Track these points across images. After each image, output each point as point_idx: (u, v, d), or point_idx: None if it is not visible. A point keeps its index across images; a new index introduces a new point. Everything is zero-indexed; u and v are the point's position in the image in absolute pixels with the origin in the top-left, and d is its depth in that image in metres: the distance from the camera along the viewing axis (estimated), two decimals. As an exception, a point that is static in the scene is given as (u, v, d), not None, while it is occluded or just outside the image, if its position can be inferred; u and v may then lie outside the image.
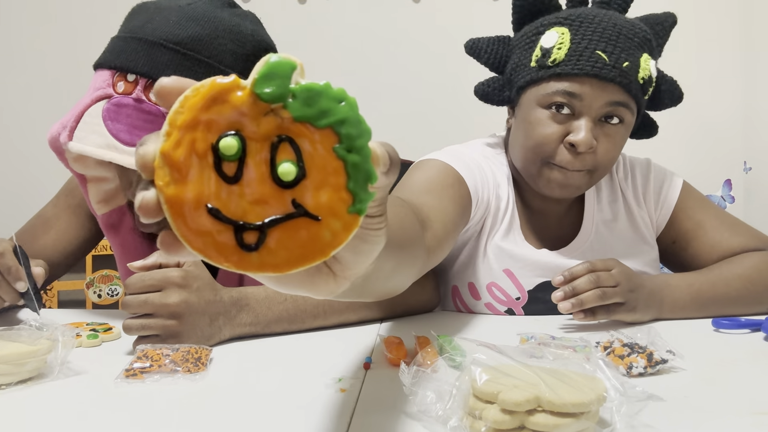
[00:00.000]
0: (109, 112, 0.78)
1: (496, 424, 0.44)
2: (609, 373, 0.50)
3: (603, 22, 0.86)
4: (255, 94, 0.29)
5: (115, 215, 0.97)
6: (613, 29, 0.85)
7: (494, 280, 0.96)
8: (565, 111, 0.86)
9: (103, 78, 0.79)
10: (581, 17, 0.87)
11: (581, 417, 0.44)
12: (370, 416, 0.52)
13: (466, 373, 0.48)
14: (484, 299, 0.97)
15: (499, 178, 0.98)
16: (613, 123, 0.87)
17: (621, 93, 0.85)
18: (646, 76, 0.87)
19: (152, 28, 0.79)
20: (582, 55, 0.84)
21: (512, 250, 0.96)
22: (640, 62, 0.86)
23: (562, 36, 0.86)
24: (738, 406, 0.54)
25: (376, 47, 2.45)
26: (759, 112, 2.38)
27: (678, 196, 1.01)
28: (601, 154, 0.87)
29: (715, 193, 2.51)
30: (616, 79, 0.84)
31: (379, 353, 0.71)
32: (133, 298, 0.71)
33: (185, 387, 0.60)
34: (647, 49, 0.88)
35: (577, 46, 0.85)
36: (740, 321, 0.81)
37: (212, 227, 0.29)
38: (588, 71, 0.84)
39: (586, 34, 0.85)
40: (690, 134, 2.46)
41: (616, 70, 0.84)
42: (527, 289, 0.96)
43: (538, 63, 0.88)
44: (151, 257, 0.74)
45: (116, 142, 0.77)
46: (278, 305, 0.80)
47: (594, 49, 0.84)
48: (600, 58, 0.84)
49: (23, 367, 0.60)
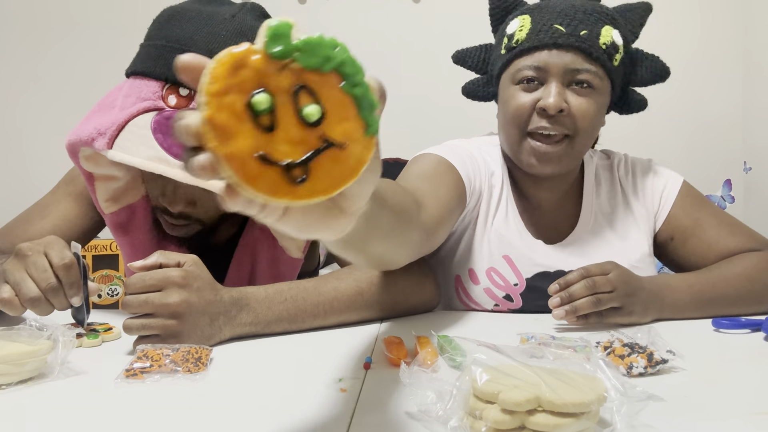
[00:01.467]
0: (160, 125, 0.77)
1: (497, 424, 0.44)
2: (609, 373, 0.50)
3: (561, 4, 0.94)
4: (268, 54, 0.35)
5: (124, 215, 0.97)
6: (570, 8, 0.93)
7: (493, 265, 0.99)
8: (533, 83, 0.93)
9: (150, 89, 0.78)
10: (541, 5, 0.96)
11: (581, 417, 0.44)
12: (370, 416, 0.52)
13: (466, 373, 0.48)
14: (483, 284, 0.99)
15: (492, 166, 1.03)
16: (583, 87, 0.92)
17: (583, 59, 0.91)
18: (608, 42, 0.92)
19: (203, 41, 0.78)
20: (540, 31, 0.92)
21: (512, 238, 1.00)
22: (600, 31, 0.92)
23: (523, 21, 0.95)
24: (738, 406, 0.54)
25: (376, 47, 2.45)
26: (759, 112, 2.38)
27: (677, 193, 1.02)
28: (577, 117, 0.91)
29: (715, 193, 2.51)
30: (574, 45, 0.91)
31: (380, 353, 0.71)
32: (133, 297, 0.71)
33: (185, 387, 0.60)
34: (608, 22, 0.93)
35: (536, 25, 0.93)
36: (740, 321, 0.81)
37: (265, 170, 0.34)
38: (547, 42, 0.91)
39: (544, 15, 0.94)
40: (690, 134, 2.47)
41: (573, 38, 0.91)
42: (525, 277, 0.99)
43: (506, 48, 0.97)
44: (152, 257, 0.74)
45: (167, 155, 0.76)
46: (278, 305, 0.80)
47: (552, 24, 0.92)
48: (557, 30, 0.91)
49: (23, 367, 0.60)
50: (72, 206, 1.01)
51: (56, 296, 0.72)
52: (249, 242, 0.99)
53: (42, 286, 0.71)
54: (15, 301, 0.71)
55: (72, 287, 0.74)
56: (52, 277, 0.72)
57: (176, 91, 0.78)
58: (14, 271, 0.72)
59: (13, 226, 1.01)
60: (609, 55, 0.92)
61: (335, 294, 0.84)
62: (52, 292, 0.72)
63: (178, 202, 0.86)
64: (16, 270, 0.72)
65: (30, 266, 0.72)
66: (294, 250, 0.98)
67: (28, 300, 0.70)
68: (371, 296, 0.87)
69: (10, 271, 0.73)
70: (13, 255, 0.74)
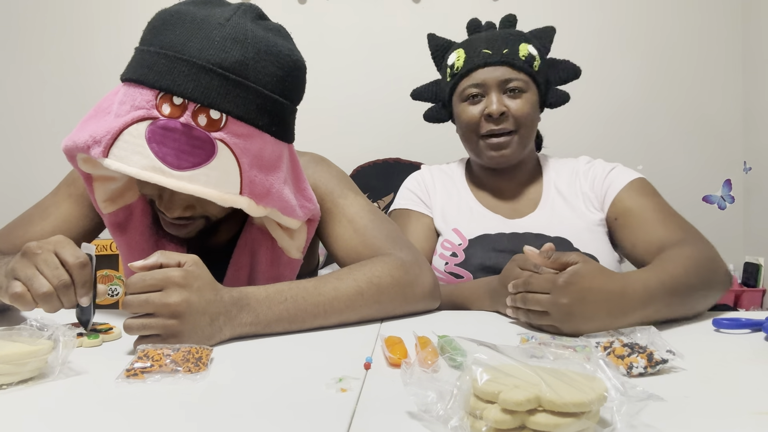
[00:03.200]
0: (154, 135, 0.77)
1: (497, 423, 0.44)
2: (609, 372, 0.50)
3: (485, 35, 1.25)
4: None
5: (122, 215, 0.98)
6: (492, 35, 1.24)
7: (446, 236, 1.24)
8: (477, 98, 1.21)
9: (144, 97, 0.77)
10: (470, 39, 1.26)
11: (582, 417, 0.44)
12: (370, 416, 0.52)
13: (466, 373, 0.48)
14: (437, 253, 1.24)
15: (449, 172, 1.37)
16: (515, 93, 1.20)
17: (510, 70, 1.20)
18: (526, 54, 1.20)
19: (197, 48, 0.77)
20: (473, 56, 1.22)
21: (462, 215, 1.27)
22: (518, 48, 1.20)
23: (458, 53, 1.25)
24: (738, 406, 0.54)
25: (376, 47, 2.45)
26: (759, 112, 2.38)
27: (629, 181, 1.18)
28: (516, 114, 1.19)
29: (715, 193, 2.51)
30: (500, 61, 1.19)
31: (380, 353, 0.71)
32: (133, 297, 0.71)
33: (186, 387, 0.60)
34: (523, 40, 1.22)
35: (469, 53, 1.23)
36: (741, 321, 0.81)
37: None
38: (480, 63, 1.20)
39: (474, 45, 1.23)
40: (690, 134, 2.47)
41: (498, 55, 1.19)
42: (469, 238, 1.22)
43: (450, 76, 1.26)
44: (152, 257, 0.74)
45: (162, 165, 0.76)
46: (279, 305, 0.80)
47: (481, 49, 1.21)
48: (484, 53, 1.21)
49: (24, 367, 0.60)
50: (73, 207, 1.01)
51: (67, 293, 0.73)
52: (248, 243, 0.99)
53: (54, 282, 0.72)
54: (27, 296, 0.71)
55: (83, 286, 0.74)
56: (64, 274, 0.72)
57: (170, 99, 0.77)
58: (24, 268, 0.73)
59: (14, 227, 1.01)
60: (529, 63, 1.20)
61: (335, 294, 0.84)
62: (64, 289, 0.72)
63: (176, 208, 0.85)
64: (26, 267, 0.73)
65: (40, 263, 0.72)
66: (293, 251, 0.98)
67: (40, 295, 0.71)
68: (371, 296, 0.87)
69: (19, 269, 0.73)
70: (21, 254, 0.74)
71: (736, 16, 2.43)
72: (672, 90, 2.47)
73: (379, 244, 0.96)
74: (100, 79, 2.37)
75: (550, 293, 0.79)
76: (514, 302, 0.86)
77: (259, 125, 0.81)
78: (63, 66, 2.43)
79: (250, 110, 0.80)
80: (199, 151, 0.77)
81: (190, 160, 0.77)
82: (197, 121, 0.77)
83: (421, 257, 0.98)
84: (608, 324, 0.77)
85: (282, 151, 0.87)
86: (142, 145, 0.77)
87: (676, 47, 2.45)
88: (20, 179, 2.43)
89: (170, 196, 0.85)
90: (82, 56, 2.42)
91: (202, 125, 0.77)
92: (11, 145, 2.46)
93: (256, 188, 0.83)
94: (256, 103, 0.80)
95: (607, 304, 0.78)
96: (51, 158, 2.12)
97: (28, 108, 2.45)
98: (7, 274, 0.75)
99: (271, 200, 0.85)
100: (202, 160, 0.78)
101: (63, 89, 2.42)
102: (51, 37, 2.44)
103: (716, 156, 2.47)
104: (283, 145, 0.87)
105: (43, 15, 2.44)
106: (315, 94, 2.43)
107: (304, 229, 0.98)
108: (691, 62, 2.45)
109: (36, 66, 2.44)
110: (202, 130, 0.77)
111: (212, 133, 0.78)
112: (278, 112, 0.84)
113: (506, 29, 1.27)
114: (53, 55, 2.44)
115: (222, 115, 0.78)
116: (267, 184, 0.84)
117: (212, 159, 0.78)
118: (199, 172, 0.78)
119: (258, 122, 0.81)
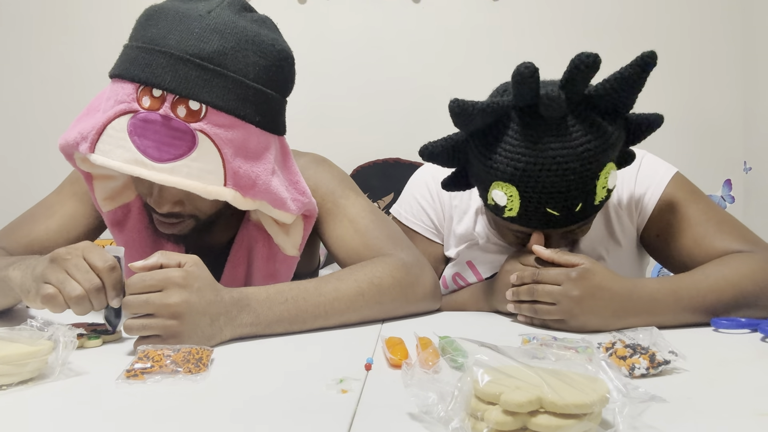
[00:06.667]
0: (135, 128, 0.77)
1: (498, 425, 0.44)
2: (611, 374, 0.50)
3: (550, 179, 0.82)
4: None
5: (121, 213, 0.98)
6: (561, 183, 0.82)
7: (459, 270, 1.10)
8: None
9: (126, 91, 0.78)
10: (527, 176, 0.83)
11: (584, 418, 0.44)
12: (371, 417, 0.52)
13: (467, 374, 0.47)
14: (450, 287, 1.12)
15: (464, 207, 1.10)
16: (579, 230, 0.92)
17: (578, 223, 0.88)
18: (604, 197, 0.86)
19: (176, 40, 0.77)
20: (533, 216, 0.86)
21: (477, 249, 1.09)
22: (596, 191, 0.84)
23: (510, 193, 0.85)
24: (741, 407, 0.54)
25: (376, 47, 2.45)
26: (759, 112, 2.38)
27: (663, 189, 0.99)
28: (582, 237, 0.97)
29: (715, 193, 2.51)
30: (569, 224, 0.87)
31: (381, 354, 0.71)
32: (134, 298, 0.71)
33: (186, 388, 0.60)
34: (600, 168, 0.83)
35: (526, 204, 0.85)
36: (740, 321, 0.81)
37: None
38: (541, 228, 0.88)
39: (532, 194, 0.83)
40: (690, 134, 2.46)
41: (569, 218, 0.85)
42: (485, 276, 1.07)
43: (493, 210, 0.90)
44: (152, 257, 0.73)
45: (144, 157, 0.77)
46: (279, 305, 0.80)
47: (544, 208, 0.84)
48: (550, 215, 0.85)
49: (24, 368, 0.59)
50: (77, 205, 1.02)
51: (98, 296, 0.73)
52: (245, 239, 0.99)
53: (86, 286, 0.71)
54: (59, 298, 0.71)
55: (114, 289, 0.74)
56: (95, 278, 0.72)
57: (149, 92, 0.77)
58: (55, 272, 0.72)
59: (18, 225, 1.01)
60: (607, 197, 0.87)
61: (336, 294, 0.84)
62: (95, 292, 0.72)
63: (164, 203, 0.85)
64: (57, 272, 0.72)
65: (71, 268, 0.72)
66: (288, 248, 0.98)
67: (73, 298, 0.71)
68: (372, 297, 0.87)
69: (50, 273, 0.72)
70: (49, 260, 0.74)
71: (736, 16, 2.43)
72: (672, 90, 2.47)
73: (380, 244, 0.96)
74: (101, 78, 2.36)
75: (561, 284, 0.81)
76: (517, 295, 0.86)
77: (242, 115, 0.81)
78: (63, 66, 2.43)
79: (230, 100, 0.80)
80: (179, 143, 0.77)
81: (171, 152, 0.78)
82: (176, 113, 0.77)
83: (422, 258, 0.98)
84: (612, 323, 0.81)
85: (269, 143, 0.86)
86: (125, 139, 0.77)
87: (676, 47, 2.45)
88: (20, 179, 2.43)
89: (159, 191, 0.85)
90: (82, 56, 2.42)
91: (182, 116, 0.77)
92: (12, 145, 2.46)
93: (241, 179, 0.82)
94: (237, 93, 0.80)
95: (614, 304, 0.82)
96: (52, 157, 2.12)
97: (29, 108, 2.45)
98: (35, 279, 0.74)
99: (258, 192, 0.85)
100: (183, 152, 0.78)
101: (63, 89, 2.42)
102: (51, 37, 2.43)
103: (716, 156, 2.47)
104: (270, 136, 0.86)
105: (44, 15, 2.44)
106: (314, 94, 2.44)
107: (300, 226, 0.98)
108: (691, 62, 2.45)
109: (36, 66, 2.44)
110: (182, 121, 0.77)
111: (192, 124, 0.78)
112: (263, 102, 0.83)
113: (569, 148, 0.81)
114: (53, 55, 2.44)
115: (201, 105, 0.78)
116: (252, 176, 0.83)
117: (193, 150, 0.78)
118: (181, 164, 0.78)
119: (240, 112, 0.81)
